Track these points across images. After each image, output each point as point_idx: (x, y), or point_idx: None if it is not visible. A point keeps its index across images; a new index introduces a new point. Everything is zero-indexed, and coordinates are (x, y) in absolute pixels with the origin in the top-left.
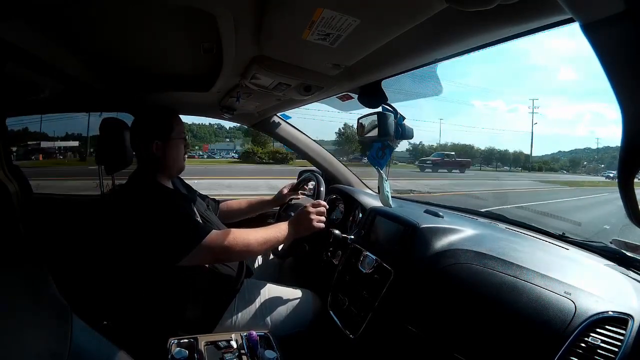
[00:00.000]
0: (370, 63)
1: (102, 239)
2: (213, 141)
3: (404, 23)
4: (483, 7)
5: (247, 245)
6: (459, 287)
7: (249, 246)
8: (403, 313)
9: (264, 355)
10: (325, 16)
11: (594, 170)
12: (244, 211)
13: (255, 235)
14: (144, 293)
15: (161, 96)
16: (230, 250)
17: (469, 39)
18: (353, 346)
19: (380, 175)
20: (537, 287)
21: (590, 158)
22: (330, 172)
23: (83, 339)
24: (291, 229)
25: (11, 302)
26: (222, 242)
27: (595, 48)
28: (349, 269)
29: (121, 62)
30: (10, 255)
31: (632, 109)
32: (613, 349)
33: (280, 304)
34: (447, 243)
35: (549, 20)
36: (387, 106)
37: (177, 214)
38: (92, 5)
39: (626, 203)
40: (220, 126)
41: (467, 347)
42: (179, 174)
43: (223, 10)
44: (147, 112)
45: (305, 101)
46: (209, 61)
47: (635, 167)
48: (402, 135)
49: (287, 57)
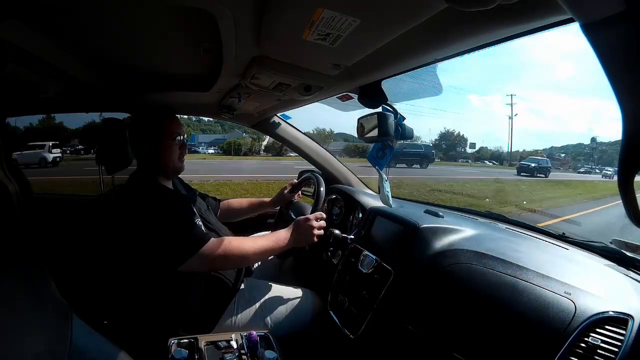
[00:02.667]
0: (370, 63)
1: (102, 239)
2: (196, 131)
3: (404, 23)
4: (483, 7)
5: (244, 256)
6: (458, 287)
7: (246, 257)
8: (403, 313)
9: (264, 355)
10: (325, 16)
11: (563, 164)
12: (244, 211)
13: (254, 246)
14: (144, 293)
15: (161, 96)
16: (227, 260)
17: (469, 39)
18: (353, 346)
19: (380, 175)
20: (537, 287)
21: (576, 153)
22: (330, 172)
23: (83, 339)
24: (291, 239)
25: (11, 303)
26: (219, 253)
27: (595, 48)
28: (348, 268)
29: (121, 62)
30: (11, 256)
31: (632, 109)
32: (613, 349)
33: (280, 304)
34: (447, 243)
35: (549, 20)
36: (387, 106)
37: (176, 218)
38: (92, 5)
39: (626, 203)
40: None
41: (466, 347)
42: (176, 175)
43: (223, 10)
44: (142, 113)
45: (306, 101)
46: (209, 61)
47: (635, 167)
48: (402, 135)
49: (287, 57)
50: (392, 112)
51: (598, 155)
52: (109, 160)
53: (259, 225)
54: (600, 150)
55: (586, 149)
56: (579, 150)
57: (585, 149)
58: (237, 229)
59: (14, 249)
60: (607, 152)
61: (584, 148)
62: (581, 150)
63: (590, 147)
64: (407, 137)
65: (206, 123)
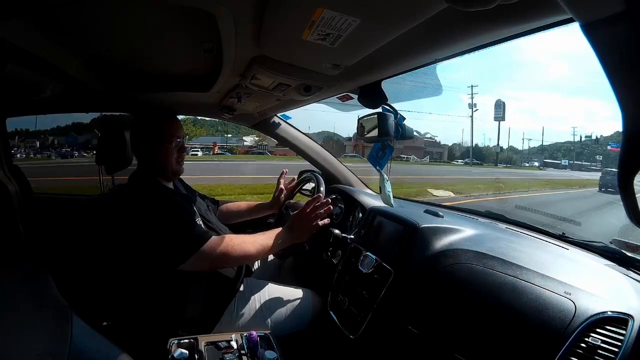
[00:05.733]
0: (370, 63)
1: (102, 239)
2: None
3: (404, 23)
4: (483, 7)
5: (244, 254)
6: (459, 287)
7: (247, 254)
8: (403, 313)
9: (264, 356)
10: (325, 16)
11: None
12: (242, 214)
13: (254, 243)
14: (144, 293)
15: (161, 96)
16: (228, 258)
17: (469, 39)
18: (353, 346)
19: (381, 175)
20: (537, 287)
21: (557, 150)
22: (330, 172)
23: (83, 339)
24: (287, 235)
25: (11, 302)
26: (220, 251)
27: (595, 48)
28: (348, 268)
29: (121, 62)
30: (10, 256)
31: (632, 109)
32: (613, 349)
33: (280, 304)
34: (447, 243)
35: (549, 20)
36: (387, 106)
37: (177, 217)
38: (92, 5)
39: (626, 203)
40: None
41: (467, 347)
42: (175, 177)
43: (223, 10)
44: (142, 114)
45: (305, 101)
46: (209, 61)
47: (635, 167)
48: (402, 135)
49: (287, 57)
50: (392, 112)
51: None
52: (109, 160)
53: (258, 226)
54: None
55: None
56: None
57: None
58: (236, 229)
59: (14, 249)
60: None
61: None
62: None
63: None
64: (407, 137)
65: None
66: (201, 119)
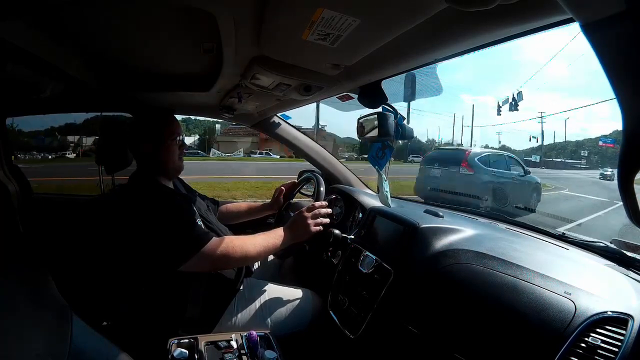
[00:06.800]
0: (370, 63)
1: (102, 239)
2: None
3: (404, 23)
4: (483, 7)
5: (245, 254)
6: (459, 287)
7: (247, 255)
8: (403, 313)
9: (264, 355)
10: (325, 16)
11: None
12: (242, 215)
13: (254, 244)
14: (144, 293)
15: (161, 96)
16: (229, 259)
17: (469, 39)
18: (353, 346)
19: (379, 175)
20: (537, 287)
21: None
22: (330, 172)
23: (83, 339)
24: (288, 234)
25: (11, 302)
26: (221, 252)
27: (595, 48)
28: (348, 268)
29: (121, 62)
30: (10, 256)
31: (632, 109)
32: (613, 349)
33: (280, 304)
34: (447, 243)
35: (549, 20)
36: (387, 106)
37: (178, 218)
38: (92, 5)
39: (626, 203)
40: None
41: (467, 347)
42: (177, 174)
43: (223, 10)
44: (141, 113)
45: (306, 101)
46: (209, 61)
47: (635, 167)
48: (402, 135)
49: (287, 57)
50: (392, 112)
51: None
52: (109, 160)
53: (258, 226)
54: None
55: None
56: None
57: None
58: (236, 229)
59: (14, 250)
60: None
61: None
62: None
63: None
64: (407, 137)
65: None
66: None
